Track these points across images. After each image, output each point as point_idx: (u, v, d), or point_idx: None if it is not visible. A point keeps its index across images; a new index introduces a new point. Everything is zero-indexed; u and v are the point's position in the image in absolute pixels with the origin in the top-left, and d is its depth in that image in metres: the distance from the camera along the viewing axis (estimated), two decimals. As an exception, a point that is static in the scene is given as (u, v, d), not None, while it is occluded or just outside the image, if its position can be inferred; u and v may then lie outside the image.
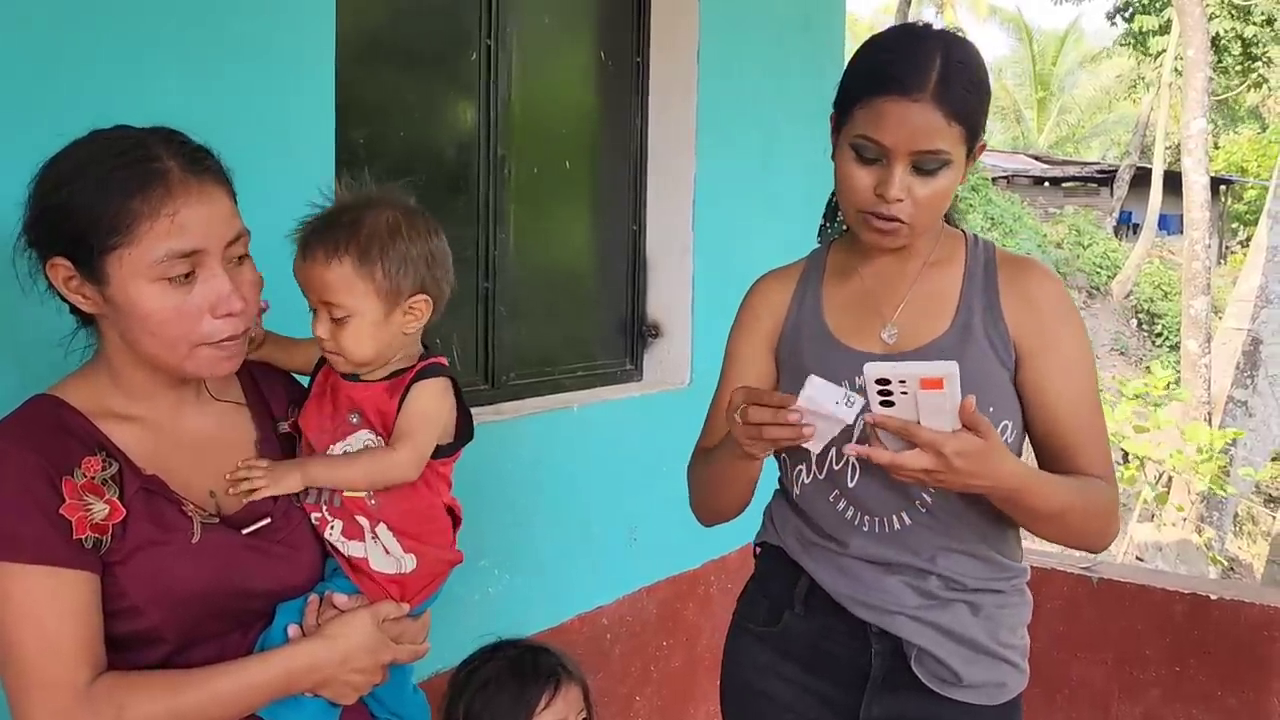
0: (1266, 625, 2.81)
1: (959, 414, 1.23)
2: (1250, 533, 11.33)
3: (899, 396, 1.23)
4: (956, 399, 1.22)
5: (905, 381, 1.21)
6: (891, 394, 1.23)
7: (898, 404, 1.24)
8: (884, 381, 1.22)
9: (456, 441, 1.36)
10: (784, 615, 1.55)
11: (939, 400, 1.21)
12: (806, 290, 1.56)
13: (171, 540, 1.16)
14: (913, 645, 1.45)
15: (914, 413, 1.24)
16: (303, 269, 1.28)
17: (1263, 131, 26.47)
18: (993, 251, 1.50)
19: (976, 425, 1.24)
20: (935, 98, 1.31)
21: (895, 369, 1.22)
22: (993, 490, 1.31)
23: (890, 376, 1.22)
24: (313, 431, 1.32)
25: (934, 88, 1.31)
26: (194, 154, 1.17)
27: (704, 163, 3.00)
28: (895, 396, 1.23)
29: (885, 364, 1.23)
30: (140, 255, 1.12)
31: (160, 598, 1.15)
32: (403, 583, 1.31)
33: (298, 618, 1.25)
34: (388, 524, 1.29)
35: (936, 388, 1.20)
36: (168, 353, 1.17)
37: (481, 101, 2.49)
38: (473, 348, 2.54)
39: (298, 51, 1.87)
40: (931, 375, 1.20)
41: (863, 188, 1.38)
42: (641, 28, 2.98)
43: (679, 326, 3.06)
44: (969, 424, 1.24)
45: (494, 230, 2.53)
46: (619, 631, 2.81)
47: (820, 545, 1.51)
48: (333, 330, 1.28)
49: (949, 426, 1.24)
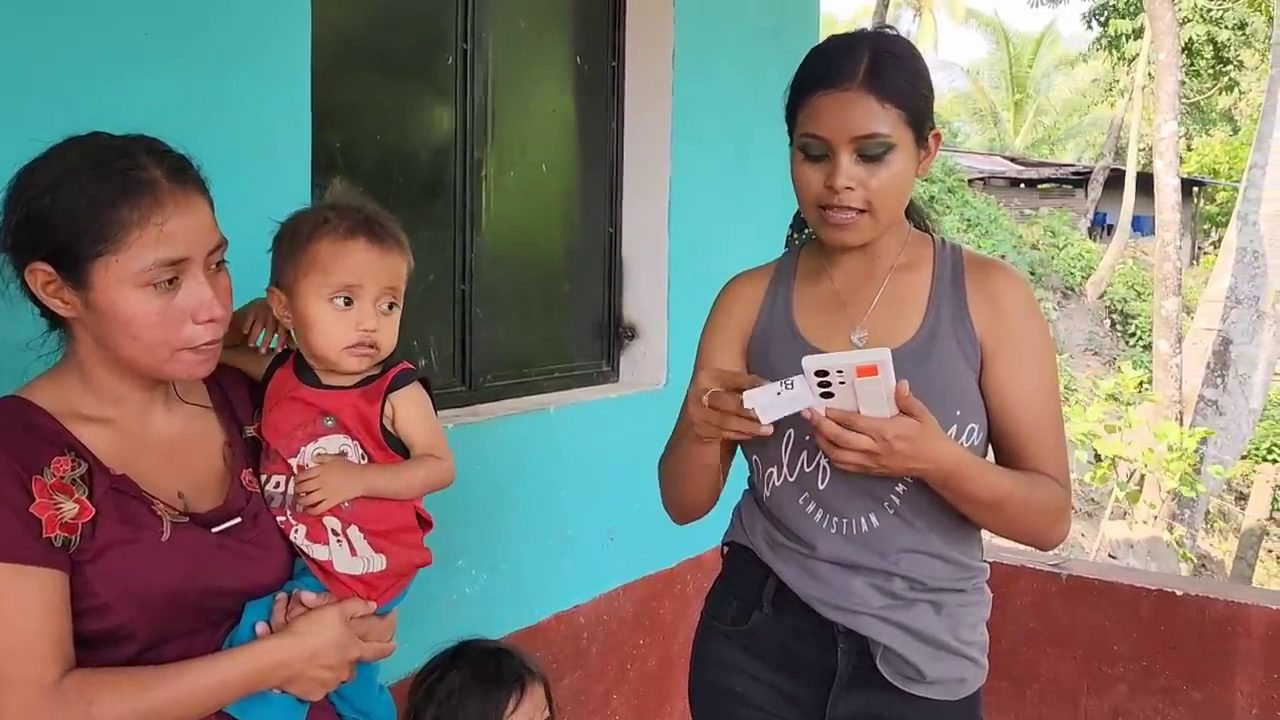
0: (1231, 621, 2.86)
1: (894, 399, 1.28)
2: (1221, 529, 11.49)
3: (837, 387, 1.27)
4: (891, 384, 1.26)
5: (842, 371, 1.26)
6: (830, 384, 1.28)
7: (837, 395, 1.28)
8: (822, 374, 1.27)
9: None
10: (753, 614, 1.57)
11: (875, 387, 1.26)
12: (778, 292, 1.59)
13: (141, 539, 1.18)
14: (878, 644, 1.48)
15: (853, 403, 1.28)
16: (370, 257, 1.31)
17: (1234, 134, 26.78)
18: (960, 254, 1.53)
19: (911, 409, 1.29)
20: (865, 85, 1.37)
21: (831, 359, 1.27)
22: (931, 472, 1.35)
23: (828, 368, 1.27)
24: (280, 437, 1.33)
25: (863, 76, 1.37)
26: (177, 164, 1.20)
27: (679, 165, 3.03)
28: (834, 387, 1.28)
29: (821, 356, 1.28)
30: (127, 263, 1.14)
31: (130, 596, 1.16)
32: (369, 582, 1.33)
33: (266, 615, 1.27)
34: (360, 525, 1.31)
35: (872, 374, 1.25)
36: (148, 356, 1.19)
37: (458, 105, 2.51)
38: (450, 350, 2.55)
39: (274, 55, 1.88)
40: (866, 363, 1.25)
41: (814, 184, 1.42)
42: (617, 31, 3.01)
43: (655, 328, 3.08)
44: (905, 409, 1.28)
45: (470, 233, 2.55)
46: (596, 630, 2.84)
47: (788, 547, 1.53)
48: (380, 321, 1.32)
49: (887, 414, 1.29)
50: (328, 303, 1.31)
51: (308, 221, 1.34)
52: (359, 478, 1.31)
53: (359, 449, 1.33)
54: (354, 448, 1.33)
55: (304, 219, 1.35)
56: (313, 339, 1.33)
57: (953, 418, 1.42)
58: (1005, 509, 1.42)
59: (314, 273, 1.31)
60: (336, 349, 1.32)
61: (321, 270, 1.30)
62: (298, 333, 1.35)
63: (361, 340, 1.31)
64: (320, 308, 1.31)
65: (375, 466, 1.34)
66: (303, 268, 1.31)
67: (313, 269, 1.31)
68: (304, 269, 1.31)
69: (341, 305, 1.31)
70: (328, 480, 1.29)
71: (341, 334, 1.31)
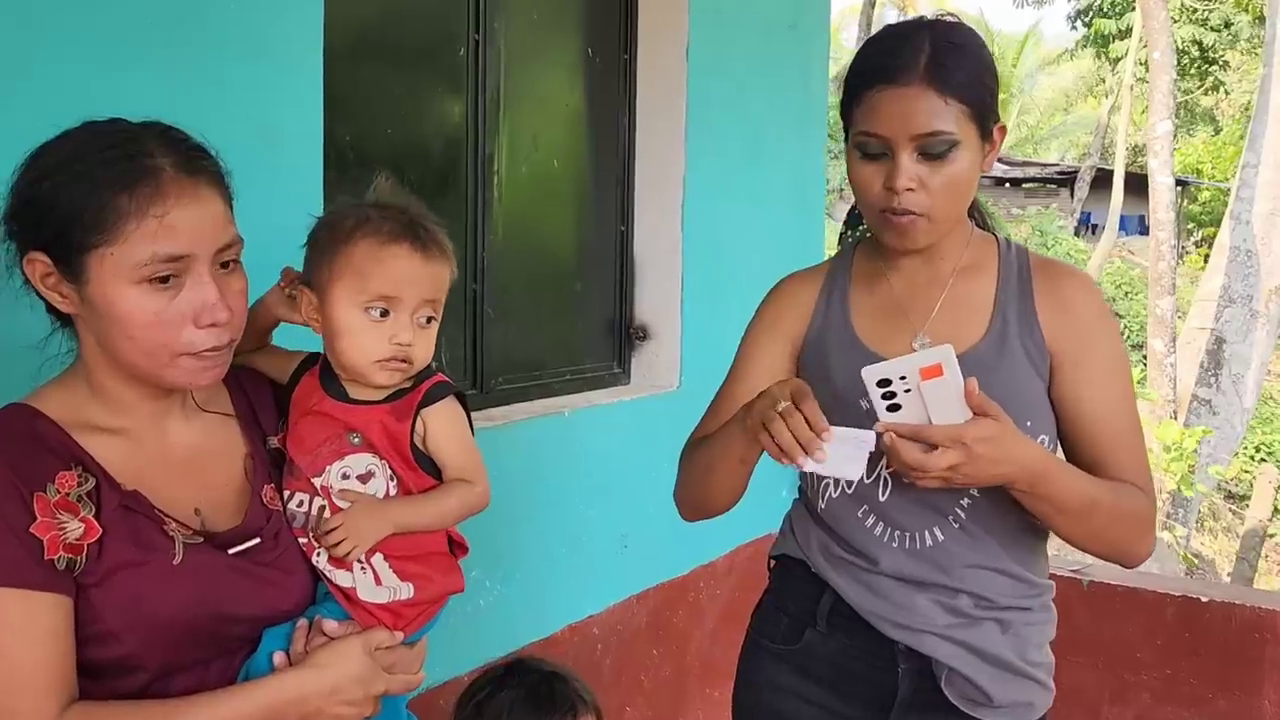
0: (1257, 627, 2.81)
1: (965, 399, 1.20)
2: (1212, 529, 11.51)
3: (903, 396, 1.20)
4: (959, 382, 1.19)
5: (905, 377, 1.19)
6: (895, 394, 1.20)
7: (904, 405, 1.21)
8: (885, 383, 1.20)
9: None
10: (805, 633, 1.50)
11: (943, 390, 1.19)
12: (833, 296, 1.51)
13: (150, 561, 1.09)
14: (943, 665, 1.41)
15: (922, 412, 1.21)
16: (412, 265, 1.20)
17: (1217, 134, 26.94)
18: (1026, 257, 1.46)
19: (986, 408, 1.21)
20: (926, 79, 1.29)
21: (893, 366, 1.19)
22: (1018, 475, 1.26)
23: (889, 375, 1.19)
24: (304, 454, 1.24)
25: (924, 70, 1.29)
26: (190, 153, 1.11)
27: (693, 161, 2.95)
28: (900, 397, 1.20)
29: (880, 364, 1.21)
30: (124, 256, 1.05)
31: (138, 623, 1.08)
32: (396, 610, 1.23)
33: (285, 644, 1.18)
34: (385, 553, 1.22)
35: (937, 375, 1.18)
36: (146, 360, 1.10)
37: (469, 98, 2.43)
38: (461, 351, 2.47)
39: (285, 47, 1.80)
40: (929, 363, 1.18)
41: (873, 185, 1.34)
42: (630, 24, 2.93)
43: (668, 329, 3.00)
44: (978, 408, 1.21)
45: (482, 229, 2.47)
46: (610, 641, 2.76)
47: (848, 561, 1.46)
48: (416, 335, 1.22)
49: (960, 418, 1.21)
50: (362, 311, 1.20)
51: (348, 219, 1.22)
52: (386, 517, 1.21)
53: (387, 469, 1.23)
54: (382, 467, 1.23)
55: (344, 215, 1.24)
56: (342, 348, 1.22)
57: (1023, 428, 1.33)
58: (1094, 516, 1.33)
59: (350, 277, 1.20)
60: (367, 361, 1.21)
61: (358, 275, 1.19)
62: (326, 339, 1.25)
63: (395, 355, 1.20)
64: (353, 316, 1.20)
65: (403, 500, 1.23)
66: (338, 270, 1.20)
67: (348, 273, 1.20)
68: (339, 271, 1.20)
69: (377, 315, 1.20)
70: (353, 527, 1.19)
71: (373, 346, 1.20)
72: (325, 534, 1.20)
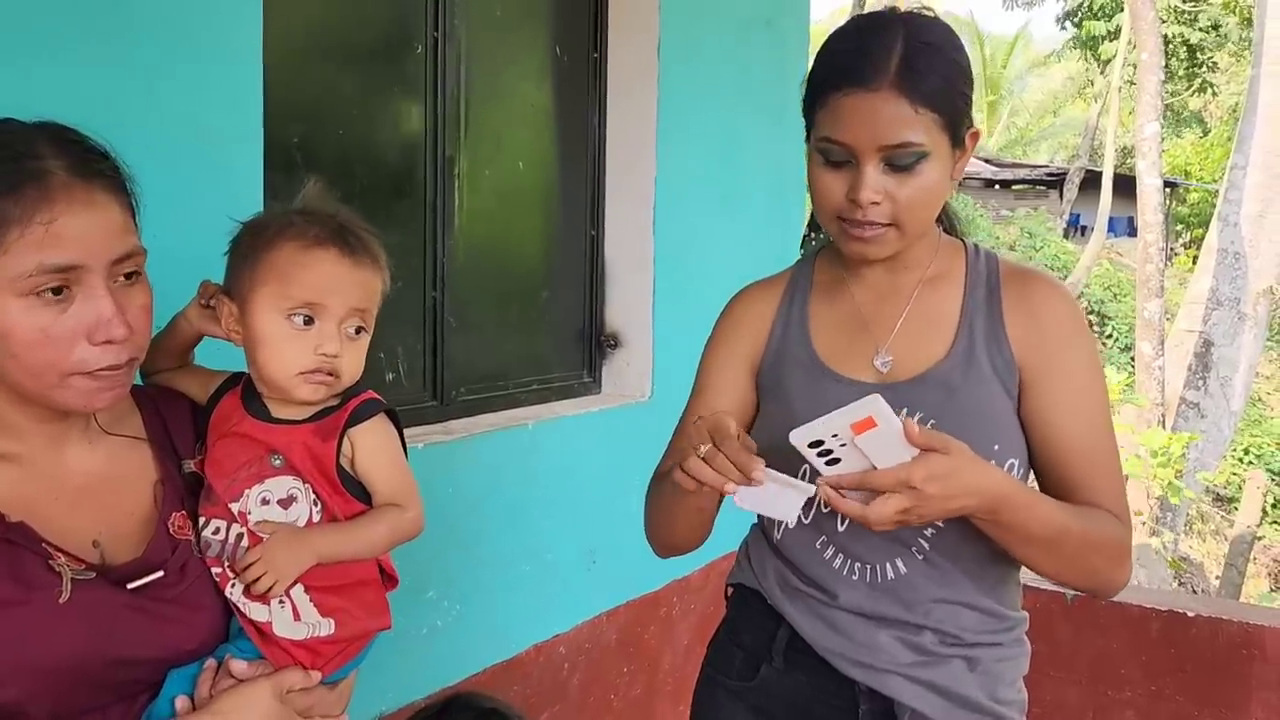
0: (1245, 644, 2.74)
1: (908, 439, 1.11)
2: (1200, 532, 11.47)
3: (840, 450, 1.12)
4: (896, 427, 1.10)
5: (838, 435, 1.11)
6: (831, 450, 1.13)
7: (843, 459, 1.13)
8: (817, 444, 1.12)
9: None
10: (761, 669, 1.41)
11: (880, 438, 1.11)
12: (792, 308, 1.42)
13: (33, 600, 1.00)
14: (905, 707, 1.32)
15: (864, 460, 1.13)
16: (339, 271, 1.13)
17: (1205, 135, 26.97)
18: (996, 264, 1.37)
19: (932, 443, 1.12)
20: (897, 85, 1.19)
21: (819, 427, 1.11)
22: (977, 506, 1.16)
23: (819, 436, 1.11)
24: (222, 477, 1.15)
25: (894, 75, 1.19)
26: (85, 156, 1.02)
27: (665, 163, 2.87)
28: (837, 451, 1.13)
29: (807, 426, 1.12)
30: (6, 266, 0.96)
31: (22, 667, 0.98)
32: (314, 648, 1.14)
33: (189, 687, 1.08)
34: (306, 584, 1.13)
35: (870, 427, 1.09)
36: (33, 380, 1.01)
37: (428, 99, 2.33)
38: (420, 362, 2.37)
39: (220, 41, 1.70)
40: (859, 418, 1.09)
41: (834, 194, 1.25)
42: (599, 21, 2.84)
43: (640, 336, 2.91)
44: (923, 445, 1.11)
45: (442, 236, 2.37)
46: (577, 660, 2.66)
47: (805, 593, 1.37)
48: (344, 346, 1.14)
49: (907, 457, 1.12)
50: (285, 319, 1.12)
51: (271, 224, 1.15)
52: (309, 547, 1.12)
53: (311, 493, 1.14)
54: (305, 492, 1.14)
55: (267, 220, 1.16)
56: (263, 360, 1.14)
57: (990, 453, 1.24)
58: (1063, 546, 1.24)
59: (272, 282, 1.12)
60: (289, 374, 1.13)
61: (281, 280, 1.12)
62: (248, 351, 1.16)
63: (319, 366, 1.13)
64: (275, 324, 1.12)
65: (327, 528, 1.15)
66: (260, 275, 1.13)
67: (271, 278, 1.12)
68: (261, 277, 1.12)
69: (300, 324, 1.12)
70: (273, 559, 1.10)
71: (296, 357, 1.12)
72: (244, 569, 1.11)
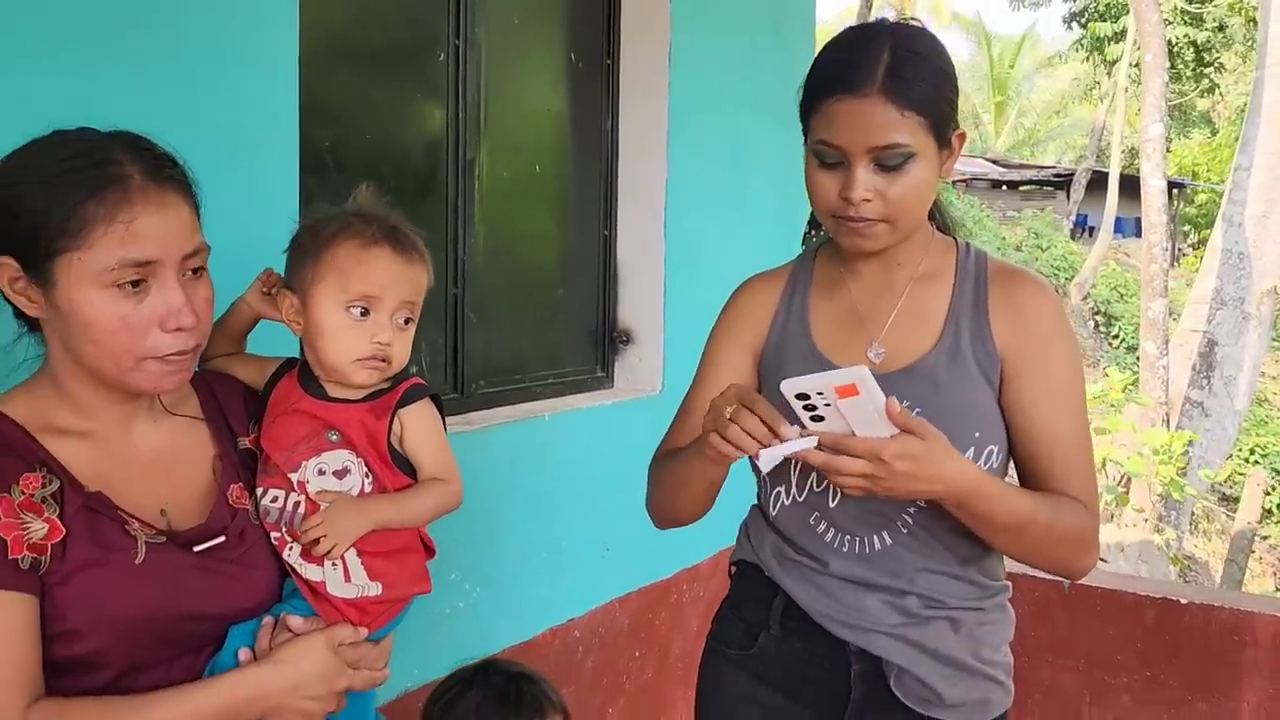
0: (1236, 629, 2.83)
1: (889, 417, 1.19)
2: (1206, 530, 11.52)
3: (824, 409, 1.20)
4: (880, 401, 1.18)
5: (823, 393, 1.18)
6: (815, 407, 1.20)
7: (827, 417, 1.21)
8: (804, 396, 1.20)
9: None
10: (759, 637, 1.50)
11: (862, 407, 1.18)
12: (793, 300, 1.51)
13: (112, 561, 1.11)
14: (892, 664, 1.41)
15: (844, 425, 1.21)
16: (393, 268, 1.26)
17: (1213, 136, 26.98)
18: (984, 262, 1.45)
19: (910, 426, 1.20)
20: (884, 91, 1.28)
21: (809, 381, 1.19)
22: (944, 493, 1.26)
23: (807, 390, 1.19)
24: (281, 450, 1.26)
25: (882, 81, 1.28)
26: (158, 161, 1.13)
27: (675, 166, 2.96)
28: (820, 409, 1.20)
29: (799, 379, 1.20)
30: (91, 261, 1.07)
31: (102, 621, 1.10)
32: (362, 607, 1.26)
33: (250, 641, 1.20)
34: (358, 549, 1.24)
35: (853, 394, 1.17)
36: (111, 364, 1.12)
37: (450, 103, 2.43)
38: (442, 355, 2.48)
39: (260, 51, 1.80)
40: (843, 382, 1.17)
41: (828, 192, 1.35)
42: (612, 29, 2.94)
43: (650, 332, 3.01)
44: (901, 425, 1.19)
45: (463, 235, 2.48)
46: (591, 644, 2.76)
47: (799, 562, 1.46)
48: (395, 335, 1.26)
49: (885, 433, 1.20)
50: (343, 311, 1.25)
51: (330, 224, 1.27)
52: (367, 514, 1.24)
53: (363, 466, 1.26)
54: (358, 464, 1.26)
55: (326, 221, 1.28)
56: (323, 348, 1.26)
57: (970, 440, 1.35)
58: (1027, 534, 1.33)
59: (333, 277, 1.24)
60: (347, 360, 1.26)
61: (341, 276, 1.24)
62: (307, 340, 1.29)
63: (375, 354, 1.25)
64: (335, 316, 1.25)
65: (381, 497, 1.27)
66: (320, 272, 1.25)
67: (331, 274, 1.25)
68: (322, 273, 1.25)
69: (357, 315, 1.25)
70: (334, 525, 1.22)
71: (354, 345, 1.25)
72: (307, 530, 1.22)
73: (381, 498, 1.26)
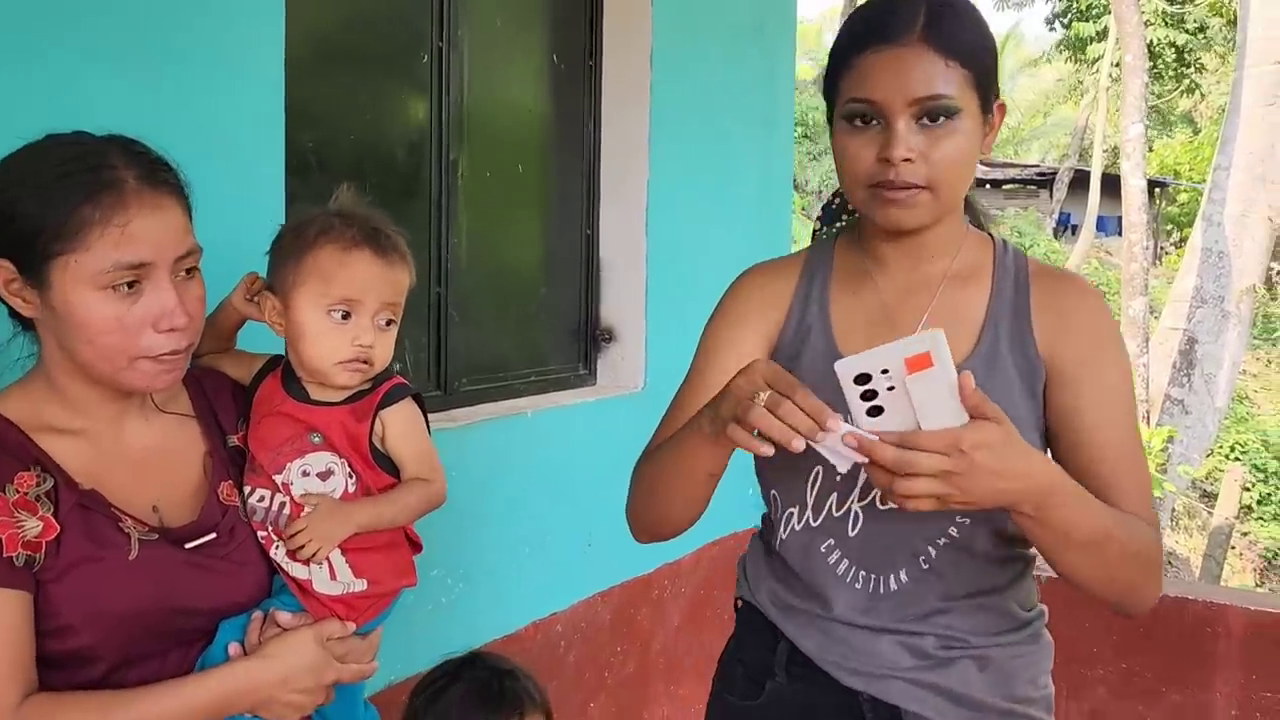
0: (1209, 622, 2.87)
1: (961, 396, 1.00)
2: (1186, 527, 11.63)
3: (885, 395, 1.01)
4: (952, 376, 1.00)
5: (888, 371, 1.00)
6: (876, 393, 1.02)
7: (887, 407, 1.02)
8: (863, 379, 1.01)
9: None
10: (766, 685, 1.37)
11: (933, 385, 0.99)
12: (811, 292, 1.35)
13: (106, 557, 1.13)
14: (910, 714, 1.28)
15: (909, 414, 1.01)
16: (374, 270, 1.26)
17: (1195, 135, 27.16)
18: (1025, 263, 1.31)
19: (984, 410, 1.01)
20: (925, 38, 1.15)
21: (871, 357, 1.01)
22: (1023, 493, 1.05)
23: (869, 369, 1.00)
24: (267, 451, 1.28)
25: (922, 29, 1.15)
26: (152, 165, 1.16)
27: (657, 166, 2.99)
28: (882, 396, 1.01)
29: (857, 356, 1.02)
30: (87, 263, 1.09)
31: (95, 616, 1.12)
32: (349, 603, 1.28)
33: (240, 635, 1.22)
34: (342, 547, 1.27)
35: (925, 366, 0.98)
36: (105, 363, 1.14)
37: (433, 104, 2.46)
38: (424, 353, 2.50)
39: (246, 55, 1.82)
40: (915, 351, 0.99)
41: (864, 157, 1.18)
42: (594, 30, 2.96)
43: (633, 330, 3.04)
44: (975, 409, 1.01)
45: (446, 234, 2.50)
46: (573, 638, 2.79)
47: (800, 609, 1.34)
48: (376, 337, 1.27)
49: (955, 422, 1.01)
50: (325, 314, 1.26)
51: (312, 226, 1.28)
52: (349, 518, 1.26)
53: (346, 467, 1.28)
54: (341, 466, 1.28)
55: (308, 223, 1.29)
56: (305, 350, 1.27)
57: None
58: (1106, 550, 1.13)
59: (314, 280, 1.25)
60: (329, 362, 1.27)
61: (322, 279, 1.25)
62: (289, 341, 1.30)
63: (356, 356, 1.26)
64: (316, 318, 1.26)
65: (364, 500, 1.28)
66: (302, 275, 1.26)
67: (313, 276, 1.25)
68: (304, 276, 1.26)
69: (339, 318, 1.26)
70: (317, 529, 1.24)
71: (336, 347, 1.26)
72: (290, 536, 1.24)
73: (364, 500, 1.28)
